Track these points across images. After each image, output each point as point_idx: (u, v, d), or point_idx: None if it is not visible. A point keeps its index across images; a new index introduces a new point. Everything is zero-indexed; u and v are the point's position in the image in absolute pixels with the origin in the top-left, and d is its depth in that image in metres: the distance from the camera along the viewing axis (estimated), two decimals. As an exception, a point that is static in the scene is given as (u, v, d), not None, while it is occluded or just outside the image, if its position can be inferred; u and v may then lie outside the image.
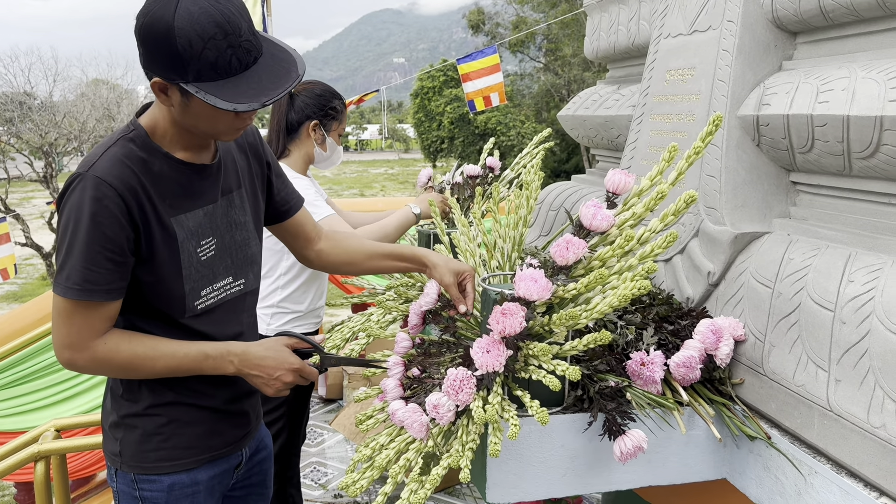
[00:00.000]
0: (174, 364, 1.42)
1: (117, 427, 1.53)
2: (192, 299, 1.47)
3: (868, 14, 1.55)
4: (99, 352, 1.38)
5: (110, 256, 1.33)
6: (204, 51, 1.24)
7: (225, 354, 1.45)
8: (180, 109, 1.35)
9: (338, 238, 1.82)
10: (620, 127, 2.66)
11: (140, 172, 1.37)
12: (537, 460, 1.54)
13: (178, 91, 1.32)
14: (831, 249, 1.51)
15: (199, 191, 1.47)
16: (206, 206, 1.48)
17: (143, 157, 1.38)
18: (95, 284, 1.33)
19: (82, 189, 1.32)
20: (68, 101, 19.43)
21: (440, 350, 1.65)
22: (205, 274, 1.48)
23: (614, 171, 1.54)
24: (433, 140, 30.40)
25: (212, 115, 1.35)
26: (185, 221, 1.44)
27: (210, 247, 1.49)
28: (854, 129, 1.45)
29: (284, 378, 1.47)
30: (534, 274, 1.40)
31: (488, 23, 28.12)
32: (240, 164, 1.59)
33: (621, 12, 2.75)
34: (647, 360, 1.55)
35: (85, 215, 1.31)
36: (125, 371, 1.42)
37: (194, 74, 1.26)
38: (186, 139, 1.44)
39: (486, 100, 7.71)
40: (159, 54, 1.27)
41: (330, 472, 3.92)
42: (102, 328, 1.38)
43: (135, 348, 1.40)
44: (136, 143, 1.39)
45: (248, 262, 1.59)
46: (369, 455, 1.56)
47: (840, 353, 1.36)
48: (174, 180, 1.42)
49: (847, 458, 1.32)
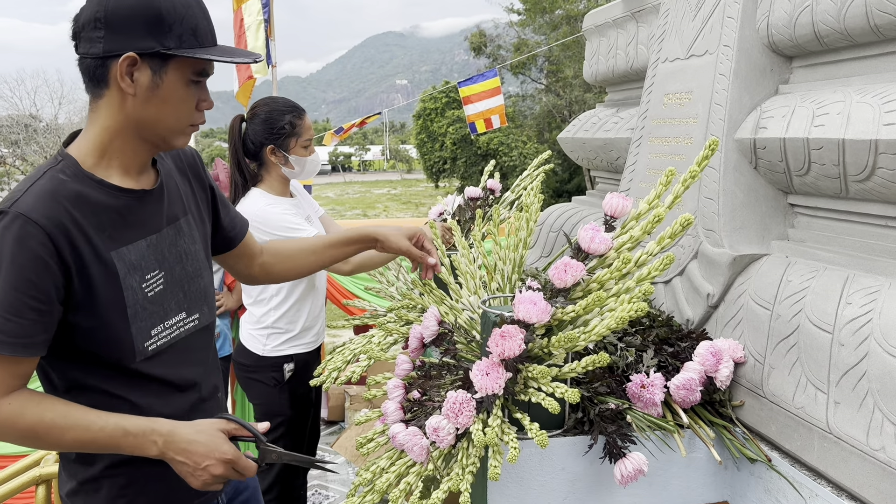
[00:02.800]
0: (87, 438, 1.23)
1: (76, 495, 1.38)
2: (141, 340, 1.32)
3: (862, 39, 1.57)
4: (2, 414, 1.20)
5: (33, 305, 1.18)
6: (186, 16, 1.23)
7: (148, 433, 1.25)
8: (146, 95, 1.25)
9: (277, 246, 1.72)
10: (619, 149, 2.68)
11: (71, 206, 1.22)
12: (538, 483, 1.54)
13: (148, 69, 1.23)
14: (829, 271, 1.51)
15: (141, 219, 1.33)
16: (149, 237, 1.34)
17: (75, 189, 1.24)
18: (12, 336, 1.17)
19: (4, 229, 1.17)
20: (73, 123, 19.58)
21: (440, 372, 1.65)
22: (153, 311, 1.34)
23: (612, 194, 1.55)
24: (436, 161, 30.52)
25: (181, 97, 1.27)
26: (126, 255, 1.29)
27: (157, 281, 1.34)
28: (850, 153, 1.46)
29: (213, 470, 1.27)
30: (533, 297, 1.41)
31: (490, 45, 28.34)
32: (183, 189, 1.46)
33: (619, 37, 2.78)
34: (648, 382, 1.56)
35: (6, 258, 1.16)
36: (28, 439, 1.23)
37: (176, 39, 1.22)
38: (128, 157, 1.31)
39: (487, 122, 7.76)
40: (137, 18, 1.20)
41: (332, 496, 3.90)
42: (10, 386, 1.21)
43: (43, 414, 1.21)
44: (66, 174, 1.25)
45: (201, 295, 1.45)
46: (370, 478, 1.56)
47: (839, 375, 1.36)
48: (112, 209, 1.28)
49: (847, 480, 1.32)
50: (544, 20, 25.00)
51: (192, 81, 1.28)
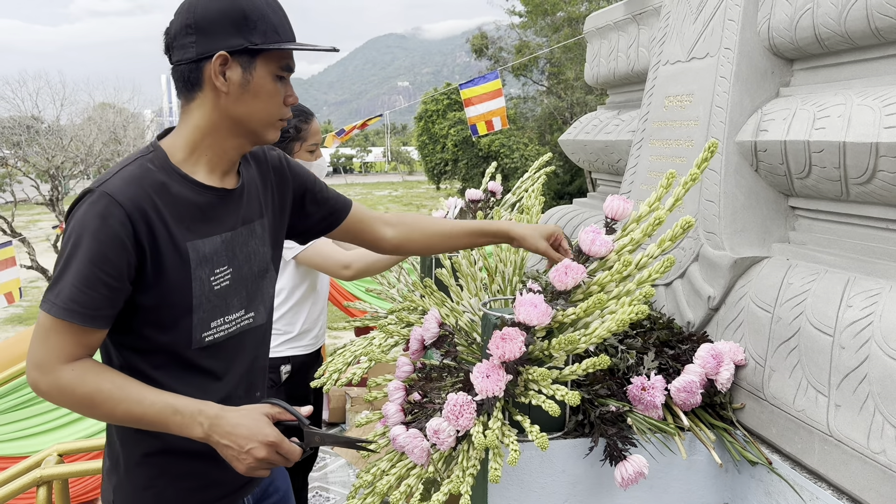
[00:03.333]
0: (138, 411, 1.28)
1: (111, 475, 1.45)
2: (200, 330, 1.38)
3: (863, 42, 1.58)
4: (63, 378, 1.27)
5: (106, 280, 1.25)
6: (267, 13, 1.32)
7: (196, 414, 1.29)
8: (238, 91, 1.33)
9: (411, 221, 1.74)
10: (620, 152, 2.68)
11: (154, 193, 1.30)
12: (538, 486, 1.54)
13: (238, 67, 1.32)
14: (830, 274, 1.51)
15: (218, 216, 1.40)
16: (224, 234, 1.40)
17: (160, 179, 1.32)
18: (83, 307, 1.25)
19: (90, 205, 1.26)
20: (75, 124, 19.58)
21: (441, 374, 1.65)
22: (217, 304, 1.39)
23: (613, 197, 1.55)
24: (437, 162, 30.52)
25: (270, 91, 1.35)
26: (200, 247, 1.36)
27: (225, 276, 1.40)
28: (850, 156, 1.46)
29: (257, 453, 1.28)
30: (534, 299, 1.41)
31: (491, 47, 28.34)
32: (262, 194, 1.52)
33: (621, 39, 2.79)
34: (648, 384, 1.56)
35: (87, 232, 1.25)
36: (84, 406, 1.29)
37: (261, 35, 1.31)
38: (216, 156, 1.39)
39: (489, 124, 7.76)
40: (224, 20, 1.30)
41: (332, 498, 3.90)
42: (76, 355, 1.28)
43: (100, 383, 1.27)
44: (154, 164, 1.34)
45: (260, 296, 1.50)
46: (370, 481, 1.56)
47: (839, 378, 1.36)
48: (192, 203, 1.36)
49: (847, 483, 1.32)
50: (546, 22, 25.00)
51: (277, 77, 1.36)
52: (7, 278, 6.07)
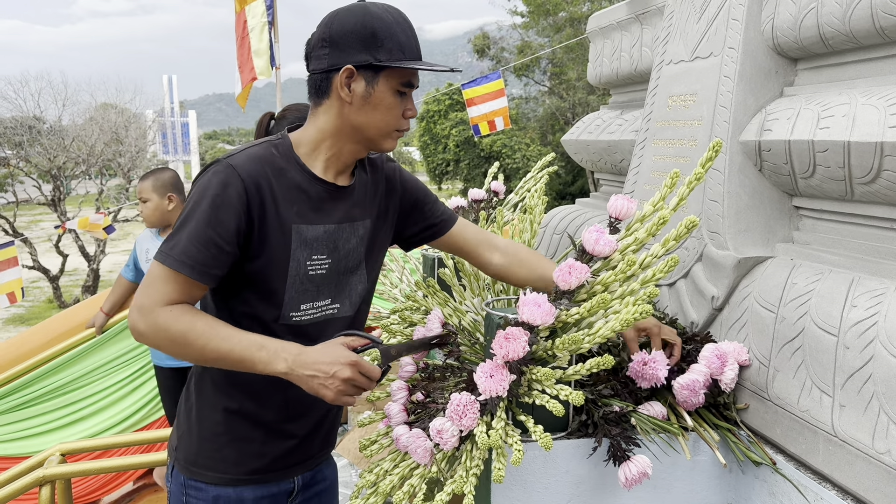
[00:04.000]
0: (226, 347, 1.37)
1: (181, 422, 1.58)
2: (290, 308, 1.49)
3: (867, 41, 1.57)
4: (161, 318, 1.37)
5: (217, 242, 1.37)
6: (395, 32, 1.42)
7: (280, 350, 1.38)
8: (360, 102, 1.44)
9: (520, 256, 1.76)
10: (624, 151, 2.68)
11: (273, 175, 1.44)
12: (541, 486, 1.53)
13: (363, 80, 1.42)
14: (834, 274, 1.51)
15: (327, 209, 1.51)
16: (328, 225, 1.51)
17: (280, 164, 1.46)
18: (193, 261, 1.37)
19: (214, 173, 1.40)
20: (77, 125, 19.58)
21: (444, 374, 1.65)
22: (308, 289, 1.50)
23: (617, 196, 1.55)
24: (439, 163, 30.51)
25: (390, 104, 1.45)
26: (304, 232, 1.47)
27: (322, 264, 1.51)
28: (855, 155, 1.46)
29: (342, 374, 1.36)
30: (537, 299, 1.40)
31: (493, 47, 28.34)
32: (370, 198, 1.62)
33: (624, 39, 2.78)
34: (649, 359, 1.55)
35: (208, 196, 1.38)
36: (178, 344, 1.38)
37: (387, 53, 1.41)
38: (335, 156, 1.51)
39: (491, 124, 7.76)
40: (355, 36, 1.41)
41: (334, 497, 3.90)
42: (175, 300, 1.39)
43: (194, 322, 1.38)
44: (278, 151, 1.47)
45: (348, 290, 1.59)
46: (373, 480, 1.56)
47: (844, 378, 1.35)
48: (304, 191, 1.48)
49: (852, 484, 1.32)
50: (548, 22, 25.00)
51: (398, 92, 1.45)
52: (9, 278, 6.07)
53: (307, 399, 1.50)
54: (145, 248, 3.64)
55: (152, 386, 3.98)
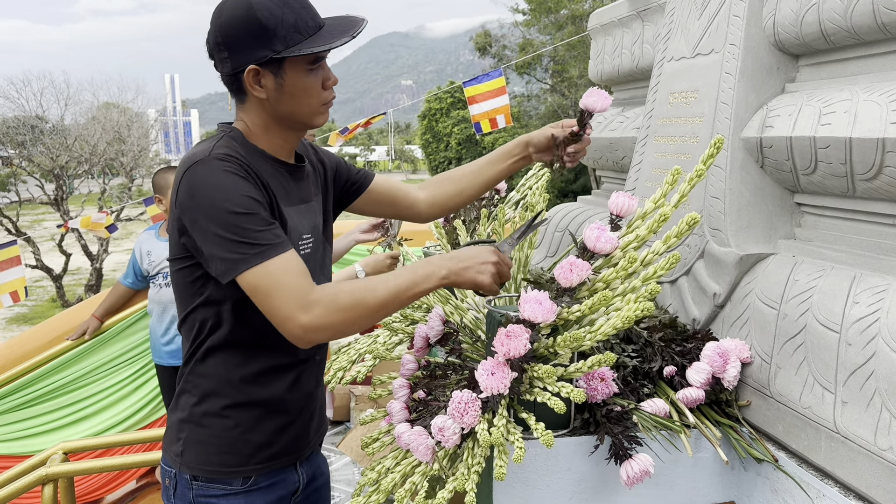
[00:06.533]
0: (391, 287, 1.36)
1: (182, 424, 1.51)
2: None
3: (869, 37, 1.57)
4: (326, 298, 1.31)
5: (266, 215, 1.34)
6: (283, 15, 1.35)
7: (429, 264, 1.41)
8: (276, 95, 1.41)
9: (439, 177, 1.82)
10: (625, 149, 2.67)
11: (247, 163, 1.40)
12: (543, 484, 1.53)
13: (270, 74, 1.38)
14: (836, 271, 1.51)
15: (293, 190, 1.51)
16: (299, 205, 1.51)
17: (245, 153, 1.42)
18: (277, 238, 1.32)
19: (209, 171, 1.33)
20: (79, 124, 19.62)
21: (446, 372, 1.65)
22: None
23: (618, 193, 1.55)
24: (441, 161, 30.53)
25: (305, 86, 1.41)
26: (290, 214, 1.46)
27: (308, 243, 1.51)
28: (857, 151, 1.45)
29: (490, 259, 1.42)
30: (539, 296, 1.40)
31: (495, 45, 28.32)
32: (316, 173, 1.64)
33: (625, 36, 2.78)
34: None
35: (227, 187, 1.32)
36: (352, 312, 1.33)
37: (282, 41, 1.35)
38: (277, 144, 1.48)
39: (493, 122, 7.75)
40: (247, 35, 1.35)
41: (337, 496, 3.90)
42: (309, 278, 1.34)
43: (351, 286, 1.35)
44: (236, 141, 1.44)
45: (324, 266, 1.62)
46: (375, 478, 1.56)
47: (846, 374, 1.35)
48: (273, 175, 1.45)
49: (855, 480, 1.31)
50: (549, 20, 24.97)
51: (309, 70, 1.40)
52: (12, 277, 6.08)
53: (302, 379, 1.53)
54: (146, 249, 3.63)
55: (154, 384, 3.99)
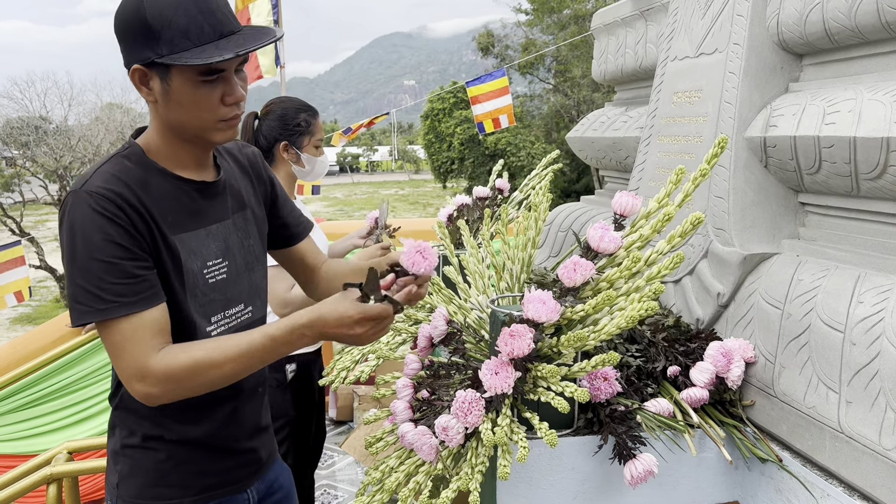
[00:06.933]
0: (245, 361, 1.27)
1: (117, 456, 1.44)
2: (204, 325, 1.37)
3: (873, 36, 1.56)
4: (160, 371, 1.24)
5: (133, 265, 1.24)
6: (174, 17, 1.22)
7: (293, 330, 1.27)
8: (163, 100, 1.28)
9: (332, 267, 1.69)
10: (628, 148, 2.67)
11: (136, 188, 1.28)
12: (547, 483, 1.53)
13: (156, 76, 1.26)
14: (840, 270, 1.50)
15: (202, 210, 1.38)
16: (210, 226, 1.39)
17: (138, 175, 1.30)
18: (128, 297, 1.23)
19: (80, 206, 1.24)
20: (83, 124, 19.67)
21: (449, 372, 1.65)
22: (215, 298, 1.39)
23: (622, 193, 1.54)
24: (443, 161, 30.53)
25: (193, 98, 1.27)
26: (187, 241, 1.34)
27: (220, 270, 1.39)
28: (861, 151, 1.45)
29: (358, 330, 1.26)
30: (542, 296, 1.40)
31: (498, 45, 28.33)
32: (243, 186, 1.51)
33: (628, 35, 2.78)
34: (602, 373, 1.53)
35: (92, 231, 1.23)
36: (194, 384, 1.27)
37: (168, 45, 1.22)
38: (182, 153, 1.36)
39: (496, 122, 7.75)
40: (131, 32, 1.24)
41: (340, 495, 3.90)
42: (155, 343, 1.25)
43: (193, 355, 1.25)
44: (130, 160, 1.31)
45: (255, 288, 1.50)
46: (379, 478, 1.56)
47: (850, 374, 1.35)
48: (173, 197, 1.33)
49: (859, 480, 1.31)
50: (552, 20, 24.97)
51: (202, 82, 1.26)
52: (16, 277, 6.10)
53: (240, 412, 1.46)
54: None
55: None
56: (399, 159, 65.05)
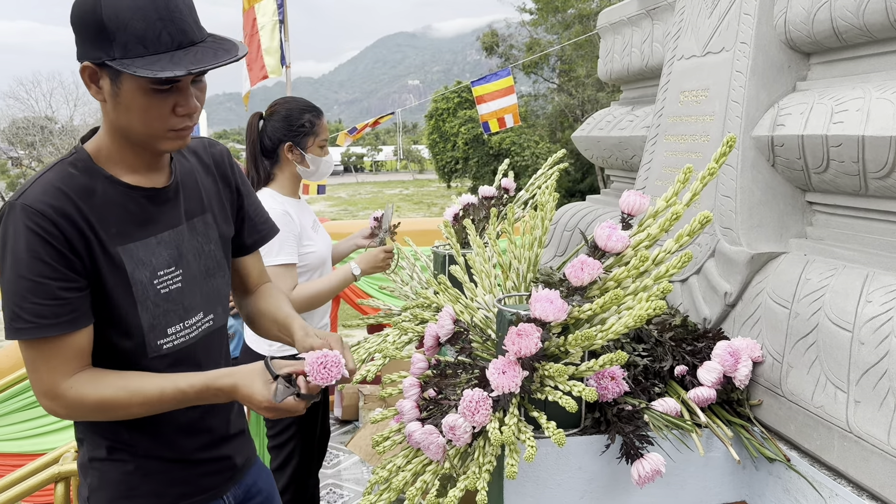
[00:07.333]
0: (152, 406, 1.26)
1: (85, 470, 1.40)
2: (155, 338, 1.32)
3: (881, 35, 1.56)
4: (70, 398, 1.23)
5: (59, 286, 1.19)
6: (131, 21, 1.15)
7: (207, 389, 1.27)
8: (112, 102, 1.22)
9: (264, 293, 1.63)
10: (635, 147, 2.67)
11: (78, 198, 1.23)
12: (554, 483, 1.53)
13: (107, 77, 1.20)
14: (848, 269, 1.50)
15: (152, 217, 1.32)
16: (161, 234, 1.33)
17: (82, 183, 1.25)
18: (47, 318, 1.19)
19: (13, 221, 1.19)
20: (88, 124, 19.74)
21: (456, 371, 1.65)
22: (169, 309, 1.33)
23: (629, 192, 1.54)
24: (448, 161, 30.53)
25: (143, 105, 1.21)
26: (134, 251, 1.28)
27: (173, 279, 1.34)
28: (869, 150, 1.45)
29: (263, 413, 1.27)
30: (550, 295, 1.40)
31: (502, 45, 28.31)
32: (205, 185, 1.44)
33: (634, 34, 2.77)
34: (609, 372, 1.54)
35: (21, 247, 1.18)
36: (99, 416, 1.27)
37: (121, 49, 1.15)
38: (131, 157, 1.30)
39: (501, 121, 7.76)
40: (86, 30, 1.18)
41: (346, 495, 3.91)
42: (69, 368, 1.23)
43: (102, 392, 1.23)
44: (76, 168, 1.26)
45: (215, 295, 1.44)
46: (386, 477, 1.56)
47: (859, 373, 1.35)
48: (120, 206, 1.28)
49: (868, 480, 1.31)
50: (556, 19, 24.95)
51: (153, 90, 1.20)
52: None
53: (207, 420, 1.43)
54: None
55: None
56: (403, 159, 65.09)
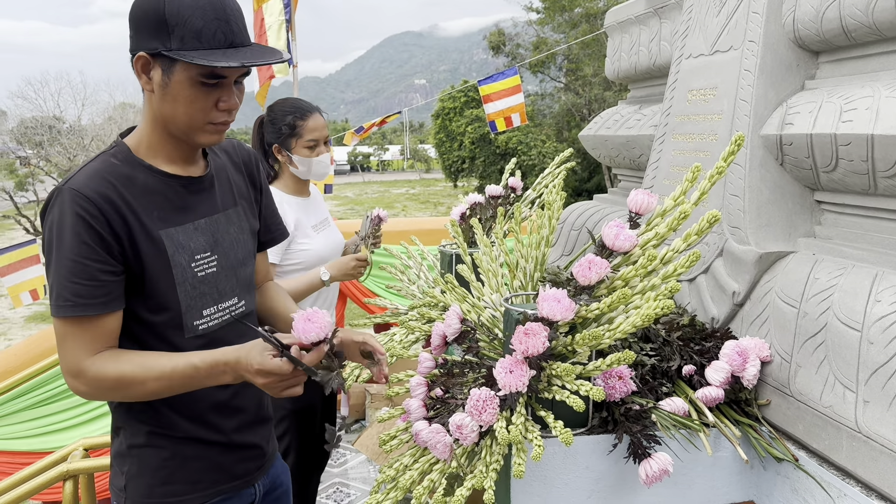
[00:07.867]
0: (165, 381, 1.31)
1: (123, 458, 1.46)
2: (192, 318, 1.40)
3: (891, 33, 1.55)
4: (90, 375, 1.30)
5: (98, 268, 1.28)
6: (191, 18, 1.26)
7: (218, 364, 1.31)
8: (160, 92, 1.32)
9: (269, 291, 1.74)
10: (642, 146, 2.66)
11: (121, 186, 1.33)
12: (561, 482, 1.53)
13: (159, 68, 1.30)
14: (857, 269, 1.49)
15: (190, 205, 1.42)
16: (198, 221, 1.42)
17: (124, 172, 1.35)
18: (84, 298, 1.27)
19: (60, 204, 1.29)
20: (96, 124, 19.81)
21: (463, 370, 1.65)
22: (205, 292, 1.41)
23: (637, 191, 1.54)
24: (454, 160, 30.50)
25: (190, 97, 1.31)
26: (174, 235, 1.37)
27: (209, 263, 1.42)
28: (878, 148, 1.44)
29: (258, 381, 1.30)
30: (557, 294, 1.40)
31: (509, 44, 28.28)
32: (235, 181, 1.54)
33: (642, 33, 2.77)
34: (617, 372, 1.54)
35: (66, 229, 1.27)
36: (118, 392, 1.33)
37: (178, 41, 1.26)
38: (170, 148, 1.40)
39: (508, 120, 7.74)
40: (146, 21, 1.28)
41: (353, 493, 3.91)
42: (94, 347, 1.31)
43: (122, 368, 1.30)
44: (117, 158, 1.36)
45: (247, 282, 1.53)
46: (393, 476, 1.57)
47: (868, 373, 1.34)
48: (160, 193, 1.37)
49: (877, 480, 1.30)
50: (563, 18, 24.90)
51: (202, 83, 1.31)
52: (31, 276, 6.15)
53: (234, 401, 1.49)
54: None
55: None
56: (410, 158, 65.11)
